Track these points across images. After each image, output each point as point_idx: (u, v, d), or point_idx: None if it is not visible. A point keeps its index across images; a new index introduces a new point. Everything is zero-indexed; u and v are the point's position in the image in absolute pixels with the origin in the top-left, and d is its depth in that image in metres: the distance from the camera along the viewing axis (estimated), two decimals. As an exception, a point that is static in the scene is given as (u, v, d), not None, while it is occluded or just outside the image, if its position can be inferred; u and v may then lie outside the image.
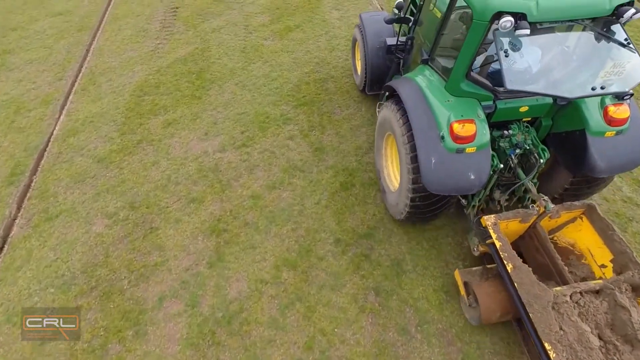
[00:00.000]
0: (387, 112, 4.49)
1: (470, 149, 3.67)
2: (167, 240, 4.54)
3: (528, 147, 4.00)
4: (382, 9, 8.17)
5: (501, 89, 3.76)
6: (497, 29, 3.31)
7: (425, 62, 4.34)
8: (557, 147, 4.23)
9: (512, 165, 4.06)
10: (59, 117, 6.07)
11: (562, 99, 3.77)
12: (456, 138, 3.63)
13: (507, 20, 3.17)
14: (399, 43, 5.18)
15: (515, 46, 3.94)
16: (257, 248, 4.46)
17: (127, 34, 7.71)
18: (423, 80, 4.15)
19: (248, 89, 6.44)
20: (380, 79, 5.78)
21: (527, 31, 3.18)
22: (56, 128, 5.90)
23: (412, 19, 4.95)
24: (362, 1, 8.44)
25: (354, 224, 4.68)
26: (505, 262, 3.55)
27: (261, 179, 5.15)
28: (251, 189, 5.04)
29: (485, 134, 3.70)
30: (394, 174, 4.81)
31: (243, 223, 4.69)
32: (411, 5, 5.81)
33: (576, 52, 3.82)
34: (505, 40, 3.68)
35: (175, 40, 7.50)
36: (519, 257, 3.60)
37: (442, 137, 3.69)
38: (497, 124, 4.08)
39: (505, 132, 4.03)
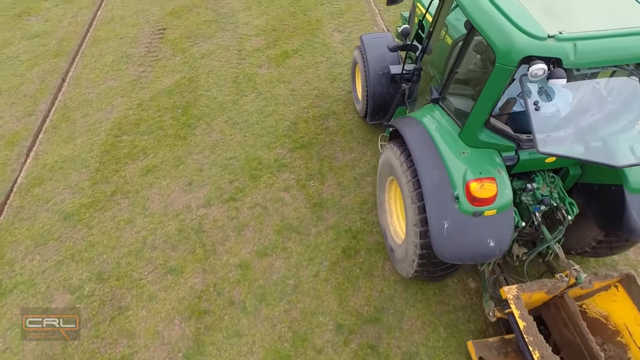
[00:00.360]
0: (390, 156, 3.89)
1: (489, 211, 3.09)
2: (137, 324, 3.85)
3: (555, 204, 3.44)
4: (388, 30, 7.47)
5: (524, 136, 3.22)
6: (525, 75, 2.69)
7: (435, 101, 3.71)
8: (587, 201, 3.62)
9: (536, 222, 3.49)
10: (25, 161, 5.38)
11: (608, 166, 3.14)
12: (473, 200, 3.06)
13: (539, 68, 2.57)
14: (404, 72, 4.54)
15: (547, 95, 3.31)
16: (243, 336, 3.76)
17: (108, 60, 7.01)
18: (432, 123, 3.56)
19: (239, 128, 5.75)
20: (383, 107, 5.20)
21: (564, 81, 2.57)
22: (21, 175, 5.21)
23: (419, 46, 4.34)
24: (366, 22, 7.74)
25: (359, 303, 3.98)
26: (530, 348, 2.96)
27: (251, 243, 4.46)
28: (239, 256, 4.34)
29: (507, 194, 3.11)
30: (400, 228, 4.17)
31: (228, 302, 3.99)
32: (419, 30, 5.18)
33: (617, 102, 3.21)
34: (534, 88, 3.04)
35: (161, 68, 6.81)
36: (548, 345, 3.00)
37: (457, 198, 3.11)
38: (518, 173, 3.53)
39: (529, 185, 3.45)
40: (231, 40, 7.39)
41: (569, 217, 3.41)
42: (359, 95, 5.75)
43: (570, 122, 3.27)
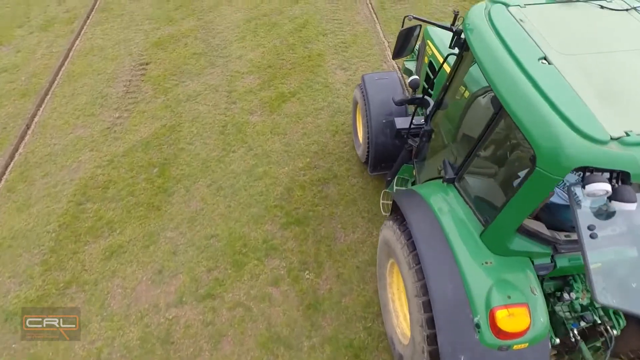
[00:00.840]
0: (390, 238, 3.20)
1: (520, 345, 2.41)
2: None
3: (599, 321, 2.70)
4: (398, 68, 6.59)
5: (562, 235, 2.48)
6: (577, 185, 2.00)
7: (450, 181, 2.94)
8: None
9: (573, 340, 2.73)
10: (-30, 236, 4.57)
11: None
12: (499, 332, 2.37)
13: (599, 189, 1.83)
14: (412, 127, 3.80)
15: (605, 213, 2.45)
16: None
17: (81, 102, 6.19)
18: (445, 211, 2.86)
19: (223, 195, 4.90)
20: (387, 158, 4.48)
21: (633, 206, 1.82)
22: (-38, 256, 4.40)
23: (430, 102, 3.63)
24: (374, 57, 6.87)
25: None
26: None
27: (228, 361, 3.61)
28: (213, 382, 3.50)
29: (542, 322, 2.42)
30: (407, 325, 3.37)
31: None
32: (428, 71, 4.51)
33: None
34: (585, 202, 2.17)
35: (139, 113, 5.98)
36: None
37: (478, 326, 2.42)
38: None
39: (566, 295, 2.71)
40: (221, 79, 6.54)
41: (615, 332, 2.69)
42: (360, 138, 4.99)
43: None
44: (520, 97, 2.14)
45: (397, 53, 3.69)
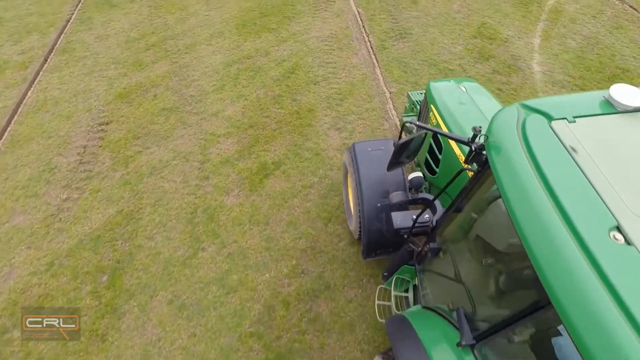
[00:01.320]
0: None
1: None
2: None
3: None
4: (400, 129, 5.59)
5: None
6: None
7: (469, 346, 2.10)
8: None
9: None
10: None
11: None
12: None
13: None
14: (416, 226, 2.93)
15: None
16: None
17: (24, 177, 5.18)
18: None
19: (186, 316, 3.90)
20: (384, 245, 3.71)
21: None
22: None
23: (438, 207, 2.90)
24: (375, 113, 5.87)
25: None
26: None
27: None
28: None
29: None
30: None
31: None
32: (432, 143, 3.88)
33: None
34: None
35: (92, 193, 4.97)
36: None
37: None
38: None
39: None
40: (193, 143, 5.54)
41: None
42: (352, 208, 4.14)
43: None
44: (586, 312, 1.28)
45: (392, 165, 2.73)
